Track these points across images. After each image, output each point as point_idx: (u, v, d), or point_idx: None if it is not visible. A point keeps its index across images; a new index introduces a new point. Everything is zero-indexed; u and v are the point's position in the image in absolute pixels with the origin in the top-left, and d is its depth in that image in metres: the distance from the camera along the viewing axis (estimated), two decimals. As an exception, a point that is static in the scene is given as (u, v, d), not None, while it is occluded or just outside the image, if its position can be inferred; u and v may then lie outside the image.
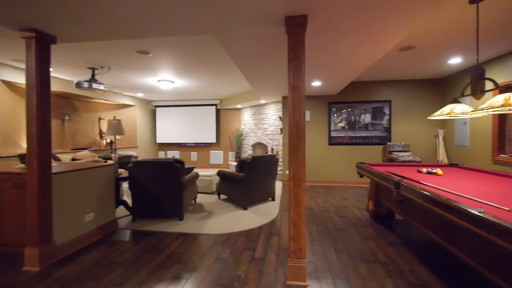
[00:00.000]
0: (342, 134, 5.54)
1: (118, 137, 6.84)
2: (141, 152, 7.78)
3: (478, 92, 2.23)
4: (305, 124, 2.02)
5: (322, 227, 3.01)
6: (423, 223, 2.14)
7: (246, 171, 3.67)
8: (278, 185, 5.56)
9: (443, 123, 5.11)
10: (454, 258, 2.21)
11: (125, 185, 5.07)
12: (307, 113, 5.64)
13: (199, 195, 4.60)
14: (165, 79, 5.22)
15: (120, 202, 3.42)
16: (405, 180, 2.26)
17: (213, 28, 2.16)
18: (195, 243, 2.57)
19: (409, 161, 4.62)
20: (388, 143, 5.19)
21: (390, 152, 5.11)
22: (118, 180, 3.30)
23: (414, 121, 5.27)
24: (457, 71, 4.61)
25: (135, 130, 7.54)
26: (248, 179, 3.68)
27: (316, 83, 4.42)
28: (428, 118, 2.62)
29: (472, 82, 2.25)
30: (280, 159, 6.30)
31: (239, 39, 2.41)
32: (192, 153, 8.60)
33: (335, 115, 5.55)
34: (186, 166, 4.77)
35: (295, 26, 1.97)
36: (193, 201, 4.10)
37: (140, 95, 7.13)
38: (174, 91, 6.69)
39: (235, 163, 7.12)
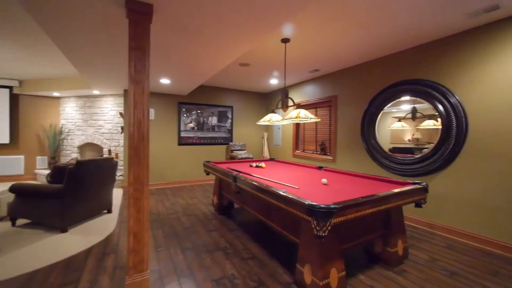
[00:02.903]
0: (191, 135, 5.69)
1: None
2: None
3: (284, 106, 3.12)
4: (149, 123, 1.85)
5: (169, 230, 2.91)
6: (253, 207, 2.66)
7: (67, 181, 2.78)
8: (118, 193, 4.73)
9: (266, 128, 6.68)
10: (271, 230, 2.94)
11: None
12: (152, 111, 5.24)
13: (-30, 226, 2.90)
14: None
15: None
16: (241, 174, 2.70)
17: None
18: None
19: (245, 158, 5.60)
20: (231, 143, 6.00)
21: (232, 151, 5.93)
22: None
23: (249, 125, 6.47)
24: (275, 89, 6.22)
25: None
26: (69, 191, 2.81)
27: (165, 81, 4.22)
28: (257, 123, 3.31)
29: (281, 99, 3.11)
30: (121, 162, 5.41)
31: (56, 6, 1.77)
32: (-46, 159, 5.28)
33: (185, 115, 5.60)
34: None
35: (139, 12, 1.75)
36: (-47, 239, 2.51)
37: None
38: None
39: (48, 172, 5.21)
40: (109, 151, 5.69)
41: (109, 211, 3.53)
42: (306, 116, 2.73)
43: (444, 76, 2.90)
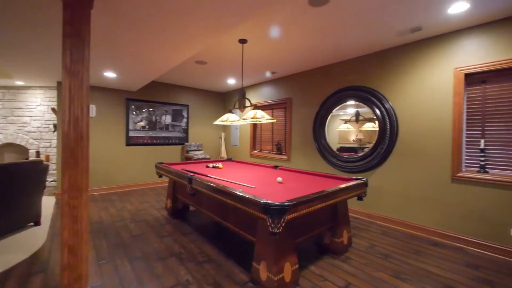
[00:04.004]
0: (142, 134, 5.26)
1: None
2: None
3: (242, 107, 3.13)
4: (89, 120, 1.64)
5: (115, 239, 2.64)
6: (209, 209, 2.60)
7: (-23, 189, 2.27)
8: (49, 202, 4.08)
9: (224, 128, 6.62)
10: (227, 230, 2.92)
11: None
12: (93, 107, 4.62)
13: None
14: None
15: None
16: (196, 175, 2.61)
17: None
18: None
19: (202, 159, 5.44)
20: (186, 143, 5.75)
21: (187, 151, 5.69)
22: None
23: (206, 125, 6.31)
24: (233, 89, 6.20)
25: None
26: (-18, 201, 2.30)
27: (110, 74, 3.81)
28: (214, 123, 3.24)
29: (239, 99, 3.11)
30: (54, 166, 4.68)
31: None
32: None
33: (135, 113, 5.15)
34: None
35: (74, -7, 1.53)
36: None
37: None
38: None
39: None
40: (37, 152, 4.86)
41: (37, 224, 3.01)
42: (263, 117, 2.79)
43: (381, 85, 3.32)
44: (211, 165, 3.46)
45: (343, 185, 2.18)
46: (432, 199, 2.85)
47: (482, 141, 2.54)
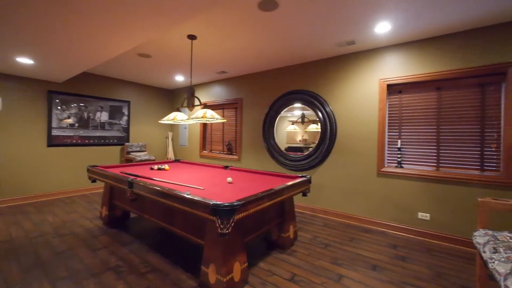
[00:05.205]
0: (70, 133, 4.52)
1: None
2: None
3: (190, 105, 3.00)
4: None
5: (31, 259, 2.19)
6: (153, 214, 2.40)
7: None
8: None
9: (172, 127, 6.24)
10: (174, 236, 2.76)
11: None
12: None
13: None
14: None
15: None
16: (138, 179, 2.38)
17: None
18: None
19: (145, 160, 5.00)
20: (127, 143, 5.20)
21: (128, 152, 5.16)
22: None
23: (150, 123, 5.82)
24: (181, 86, 5.89)
25: None
26: None
27: (25, 61, 3.14)
28: (160, 121, 3.01)
29: (187, 97, 2.97)
30: None
31: None
32: None
33: (60, 108, 4.39)
34: None
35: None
36: None
37: None
38: None
39: None
40: None
41: None
42: (213, 117, 2.73)
43: (323, 90, 3.64)
44: (156, 167, 3.20)
45: (289, 183, 2.30)
46: (363, 191, 3.27)
47: (399, 141, 3.05)
